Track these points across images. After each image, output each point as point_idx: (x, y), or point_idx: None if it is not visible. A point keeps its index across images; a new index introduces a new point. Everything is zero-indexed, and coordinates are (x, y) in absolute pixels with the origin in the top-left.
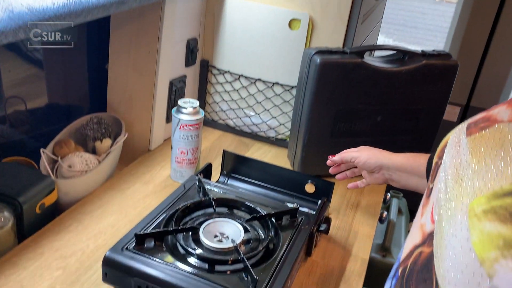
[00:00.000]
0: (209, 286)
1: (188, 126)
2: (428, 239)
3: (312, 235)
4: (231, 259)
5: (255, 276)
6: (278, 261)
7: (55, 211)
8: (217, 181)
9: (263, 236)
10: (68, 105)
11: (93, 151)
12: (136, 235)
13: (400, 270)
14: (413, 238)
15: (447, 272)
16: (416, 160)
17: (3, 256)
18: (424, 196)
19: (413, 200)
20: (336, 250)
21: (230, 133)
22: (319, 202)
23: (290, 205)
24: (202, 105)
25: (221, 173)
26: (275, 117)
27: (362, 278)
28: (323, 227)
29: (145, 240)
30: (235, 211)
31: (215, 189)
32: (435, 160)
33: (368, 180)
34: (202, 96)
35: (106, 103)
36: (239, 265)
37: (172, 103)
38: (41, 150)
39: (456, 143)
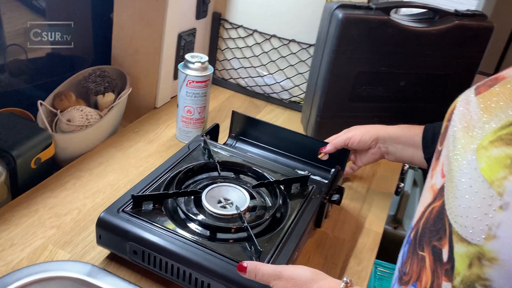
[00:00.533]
0: (208, 254)
1: (195, 82)
2: (439, 193)
3: (323, 205)
4: (235, 227)
5: (259, 247)
6: (285, 231)
7: (52, 167)
8: (225, 144)
9: (270, 204)
10: (71, 56)
11: (95, 106)
12: (133, 196)
13: (412, 234)
14: (424, 200)
15: (458, 207)
16: (411, 131)
17: None
18: (433, 159)
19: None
20: (348, 222)
21: (241, 93)
22: (333, 170)
23: (301, 172)
24: (213, 62)
25: (229, 135)
26: (290, 78)
27: (374, 253)
28: (335, 197)
29: (143, 203)
30: (242, 176)
31: (222, 152)
32: (444, 123)
33: (362, 161)
34: (213, 52)
35: (111, 55)
36: (243, 234)
37: (180, 58)
38: (39, 102)
39: (465, 103)
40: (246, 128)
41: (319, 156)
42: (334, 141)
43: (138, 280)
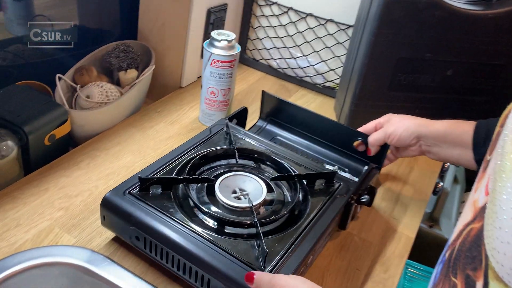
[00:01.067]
0: (211, 249)
1: (220, 62)
2: (480, 213)
3: (348, 206)
4: (245, 221)
5: (265, 247)
6: (300, 231)
7: (68, 145)
8: (255, 125)
9: (289, 200)
10: (97, 29)
11: (118, 83)
12: (140, 178)
13: (447, 254)
14: (465, 217)
15: (496, 240)
16: (459, 128)
17: (5, 188)
18: (481, 169)
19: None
20: (377, 224)
21: (272, 75)
22: (365, 169)
23: (329, 167)
24: (244, 41)
25: (260, 117)
26: (325, 61)
27: (404, 260)
28: (364, 198)
29: (151, 186)
30: (262, 166)
31: (245, 138)
32: (497, 129)
33: (401, 154)
34: (244, 30)
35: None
36: (253, 230)
37: (209, 35)
38: (58, 75)
39: None
40: (277, 111)
41: (356, 146)
42: (374, 137)
43: (144, 271)
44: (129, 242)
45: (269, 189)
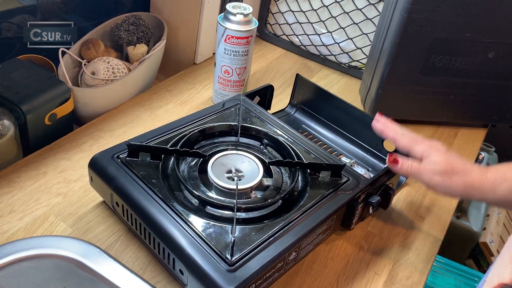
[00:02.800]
0: (181, 228)
1: (235, 38)
2: None
3: (352, 204)
4: (227, 204)
5: (231, 234)
6: (285, 223)
7: (71, 124)
8: (283, 110)
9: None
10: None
11: (127, 59)
12: (128, 144)
13: None
14: (501, 271)
15: None
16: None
17: (2, 170)
18: None
19: (506, 155)
20: (401, 222)
21: (294, 52)
22: (384, 167)
23: (346, 160)
24: (264, 15)
25: (290, 102)
26: (352, 39)
27: (430, 265)
28: (373, 199)
29: (140, 154)
30: (269, 149)
31: (260, 117)
32: None
33: None
34: (265, 2)
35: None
36: (234, 214)
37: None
38: (61, 49)
39: None
40: (309, 98)
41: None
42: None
43: (143, 267)
44: (111, 207)
45: (269, 174)
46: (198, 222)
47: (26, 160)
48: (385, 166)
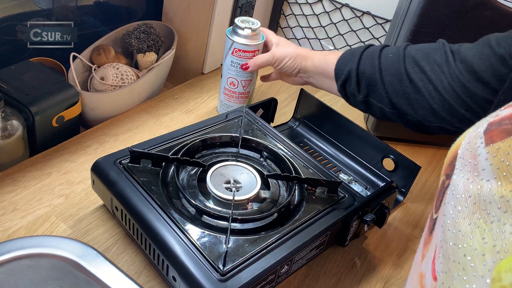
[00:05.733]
0: (176, 235)
1: (242, 52)
2: None
3: (347, 221)
4: (223, 214)
5: (225, 244)
6: (279, 237)
7: (77, 127)
8: (286, 124)
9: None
10: (120, 6)
11: (137, 66)
12: (130, 150)
13: None
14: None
15: None
16: (326, 60)
17: (7, 169)
18: (426, 230)
19: None
20: (397, 240)
21: None
22: (381, 185)
23: (345, 177)
24: (274, 29)
25: (293, 116)
26: None
27: None
28: (368, 217)
29: (142, 160)
30: (269, 162)
31: (261, 130)
32: (441, 178)
33: (282, 79)
34: (275, 17)
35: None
36: (228, 224)
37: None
38: (72, 54)
39: (470, 155)
40: (312, 113)
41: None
42: (261, 60)
43: (138, 272)
44: (111, 211)
45: (267, 187)
46: (193, 231)
47: (31, 160)
48: (383, 184)
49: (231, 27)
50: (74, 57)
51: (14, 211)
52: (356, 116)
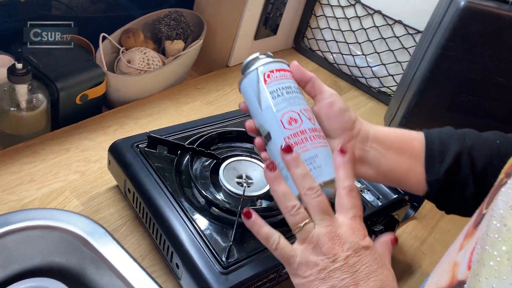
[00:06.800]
0: (184, 224)
1: (277, 71)
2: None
3: None
4: (232, 208)
5: (230, 238)
6: (286, 236)
7: (101, 106)
8: None
9: None
10: None
11: (164, 52)
12: (148, 136)
13: None
14: (440, 277)
15: None
16: (405, 132)
17: (28, 140)
18: (471, 223)
19: None
20: (401, 256)
21: (326, 69)
22: (393, 197)
23: (357, 185)
24: (303, 28)
25: None
26: (385, 65)
27: None
28: (377, 228)
29: (158, 146)
30: None
31: None
32: (500, 176)
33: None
34: (306, 16)
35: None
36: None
37: (266, 18)
38: (102, 35)
39: None
40: None
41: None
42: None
43: (144, 255)
44: (123, 192)
45: None
46: (201, 221)
47: (52, 134)
48: (395, 197)
49: (241, 79)
50: (104, 38)
51: (31, 182)
52: (377, 124)
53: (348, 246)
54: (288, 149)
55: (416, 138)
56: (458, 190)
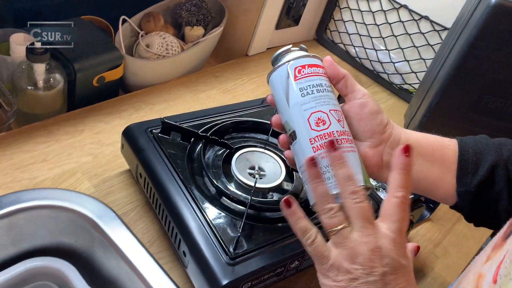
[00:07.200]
0: (193, 212)
1: (308, 67)
2: None
3: None
4: (242, 199)
5: (239, 229)
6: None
7: (116, 90)
8: None
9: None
10: None
11: (184, 38)
12: (162, 121)
13: None
14: (463, 287)
15: None
16: (438, 139)
17: (44, 120)
18: (500, 235)
19: None
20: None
21: (347, 62)
22: (411, 197)
23: (373, 183)
24: (326, 19)
25: None
26: (409, 61)
27: None
28: None
29: (172, 133)
30: None
31: None
32: None
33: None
34: (329, 8)
35: None
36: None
37: (289, 8)
38: (122, 17)
39: None
40: None
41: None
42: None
43: (152, 241)
44: (135, 176)
45: (291, 179)
46: (211, 210)
47: (68, 115)
48: (410, 197)
49: (270, 72)
50: (124, 21)
51: (43, 162)
52: (397, 122)
53: (387, 261)
54: (331, 145)
55: (448, 146)
56: (491, 203)
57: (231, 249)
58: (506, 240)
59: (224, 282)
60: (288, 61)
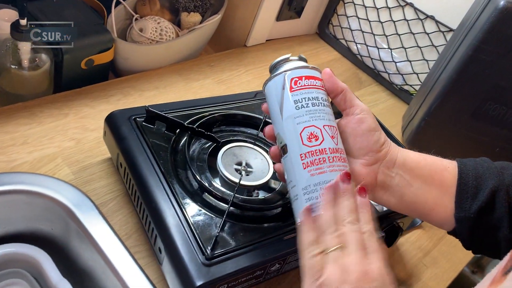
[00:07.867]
0: (172, 207)
1: (305, 79)
2: None
3: None
4: (224, 196)
5: (219, 226)
6: (277, 233)
7: (106, 74)
8: None
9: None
10: None
11: (180, 24)
12: (147, 110)
13: None
14: None
15: None
16: (437, 161)
17: (28, 101)
18: (499, 269)
19: None
20: (402, 265)
21: (348, 59)
22: None
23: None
24: (329, 14)
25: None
26: (411, 61)
27: None
28: (378, 234)
29: (157, 122)
30: None
31: None
32: None
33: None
34: (333, 2)
35: None
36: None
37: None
38: None
39: None
40: None
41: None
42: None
43: (129, 234)
44: (115, 166)
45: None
46: (191, 207)
47: (53, 97)
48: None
49: (267, 79)
50: (118, 3)
51: (24, 145)
52: (395, 123)
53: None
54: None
55: (448, 168)
56: (491, 231)
57: (208, 249)
58: (506, 275)
59: (199, 283)
60: (286, 70)
